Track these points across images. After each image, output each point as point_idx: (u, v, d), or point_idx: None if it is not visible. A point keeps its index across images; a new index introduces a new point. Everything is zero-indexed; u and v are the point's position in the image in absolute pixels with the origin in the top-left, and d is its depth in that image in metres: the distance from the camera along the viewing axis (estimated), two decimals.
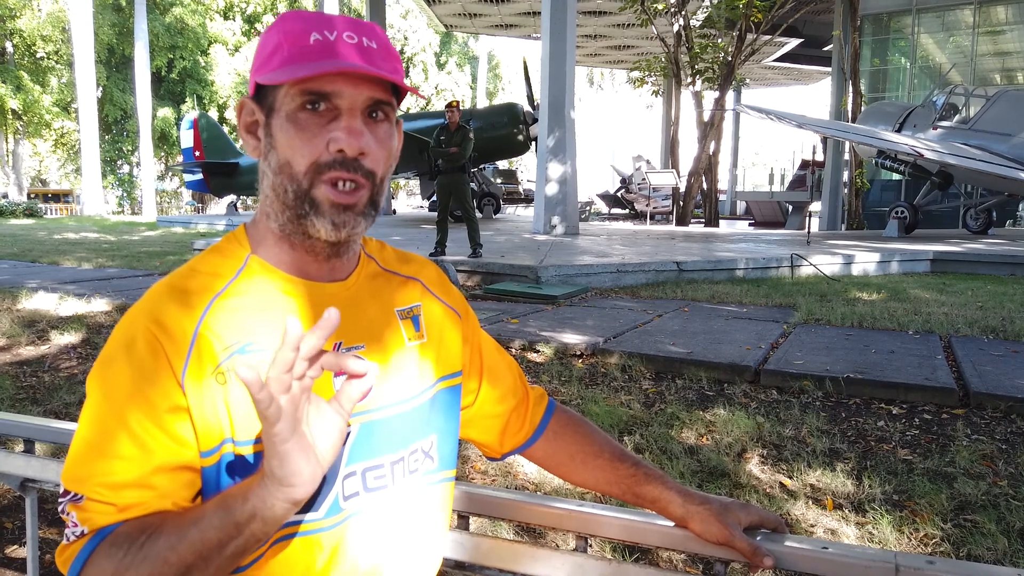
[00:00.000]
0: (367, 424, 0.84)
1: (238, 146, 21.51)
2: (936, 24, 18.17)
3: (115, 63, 33.71)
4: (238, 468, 0.77)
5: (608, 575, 1.06)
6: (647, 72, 21.40)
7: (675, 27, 18.03)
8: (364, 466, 0.83)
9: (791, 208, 20.56)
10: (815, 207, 18.14)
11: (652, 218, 20.41)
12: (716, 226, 18.46)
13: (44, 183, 38.90)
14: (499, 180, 25.52)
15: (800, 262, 8.25)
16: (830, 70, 19.20)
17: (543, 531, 2.24)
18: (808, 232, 12.11)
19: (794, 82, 33.34)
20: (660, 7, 17.67)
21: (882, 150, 13.26)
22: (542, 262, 7.46)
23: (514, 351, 4.45)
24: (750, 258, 8.32)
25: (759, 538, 0.97)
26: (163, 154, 35.84)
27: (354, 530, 0.83)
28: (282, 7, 35.75)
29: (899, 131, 13.27)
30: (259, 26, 36.00)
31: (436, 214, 8.65)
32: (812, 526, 2.41)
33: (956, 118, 13.19)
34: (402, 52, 41.91)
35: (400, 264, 0.99)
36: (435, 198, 13.67)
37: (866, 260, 8.78)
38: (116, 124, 35.07)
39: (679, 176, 18.97)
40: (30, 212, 24.99)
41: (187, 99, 34.64)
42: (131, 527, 0.74)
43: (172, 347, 0.76)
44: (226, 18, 36.14)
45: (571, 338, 4.62)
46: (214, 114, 33.41)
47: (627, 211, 25.60)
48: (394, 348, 0.90)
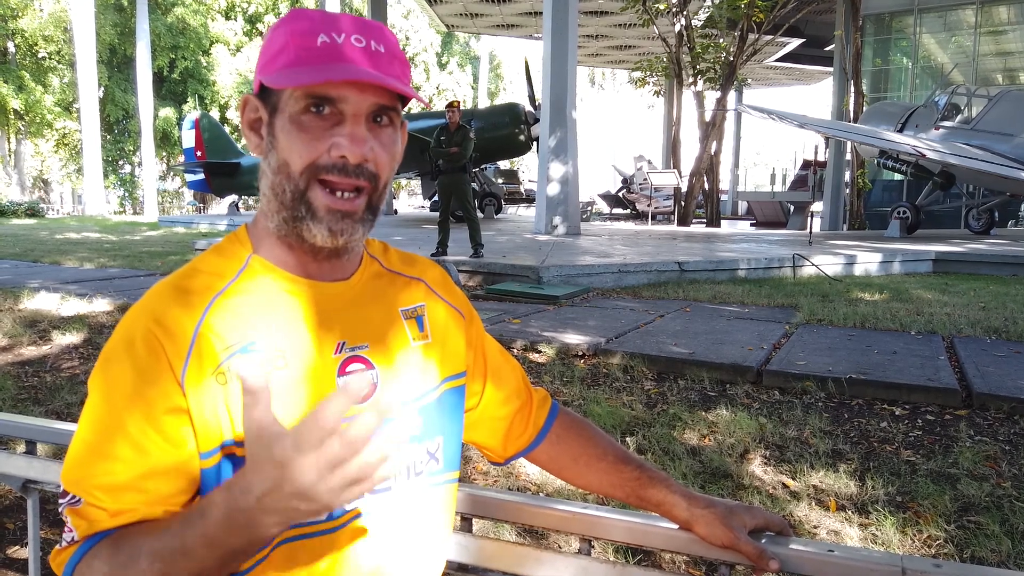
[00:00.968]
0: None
1: (239, 146, 21.54)
2: (938, 24, 18.15)
3: (117, 63, 33.72)
4: (238, 470, 0.77)
5: None
6: (649, 72, 21.38)
7: (677, 27, 18.02)
8: None
9: (793, 208, 20.54)
10: (817, 207, 18.12)
11: (654, 218, 20.40)
12: (718, 226, 18.44)
13: (46, 183, 38.95)
14: (500, 180, 25.52)
15: (802, 262, 8.24)
16: (832, 70, 19.17)
17: (546, 533, 2.24)
18: (810, 232, 12.10)
19: (796, 82, 33.30)
20: (662, 7, 17.66)
21: (884, 150, 13.25)
22: (544, 262, 7.46)
23: (516, 351, 4.44)
24: (752, 258, 8.32)
25: (764, 541, 0.97)
26: (165, 154, 35.85)
27: (358, 532, 0.82)
28: (284, 7, 35.76)
29: (901, 131, 13.25)
30: (261, 26, 36.00)
31: (437, 214, 8.65)
32: (815, 527, 2.41)
33: (958, 118, 13.17)
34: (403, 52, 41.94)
35: (404, 265, 0.98)
36: (436, 198, 13.67)
37: (868, 260, 8.77)
38: (118, 124, 35.09)
39: (680, 176, 18.96)
40: (32, 212, 25.00)
41: (189, 99, 34.64)
42: (118, 537, 0.73)
43: (172, 347, 0.75)
44: (227, 18, 36.15)
45: (573, 338, 4.61)
46: (215, 114, 33.41)
47: (628, 211, 25.59)
48: (398, 348, 0.89)
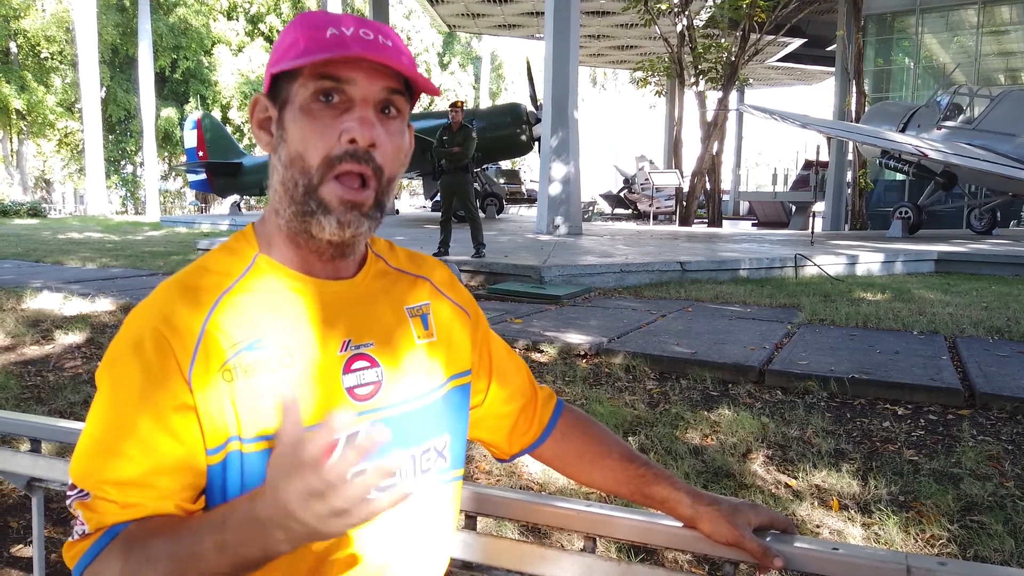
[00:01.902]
0: (377, 422, 0.84)
1: (241, 146, 21.54)
2: (940, 24, 18.14)
3: (119, 63, 33.74)
4: (245, 466, 0.77)
5: None
6: (650, 72, 21.36)
7: (678, 27, 18.01)
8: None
9: (794, 208, 20.55)
10: (819, 207, 18.12)
11: (655, 218, 20.40)
12: (719, 226, 18.44)
13: (48, 183, 39.00)
14: (502, 180, 25.51)
15: (804, 262, 8.24)
16: (834, 70, 19.17)
17: (549, 531, 2.24)
18: (812, 232, 12.10)
19: (797, 82, 33.29)
20: (663, 7, 17.65)
21: (886, 150, 13.23)
22: (545, 262, 7.46)
23: (518, 351, 4.43)
24: (754, 258, 8.31)
25: (768, 539, 0.97)
26: (167, 154, 35.87)
27: (364, 529, 0.82)
28: (285, 8, 35.77)
29: (903, 131, 13.23)
30: (262, 26, 36.02)
31: (439, 214, 8.65)
32: (818, 527, 2.41)
33: (960, 118, 13.15)
34: None
35: (410, 264, 0.99)
36: (438, 198, 13.67)
37: (870, 260, 8.76)
38: (120, 124, 35.12)
39: (682, 176, 18.96)
40: (34, 212, 25.03)
41: (190, 99, 34.67)
42: (138, 530, 0.74)
43: (179, 344, 0.76)
44: (229, 18, 36.17)
45: (575, 338, 4.61)
46: (217, 114, 33.44)
47: (630, 211, 25.59)
48: (403, 346, 0.90)
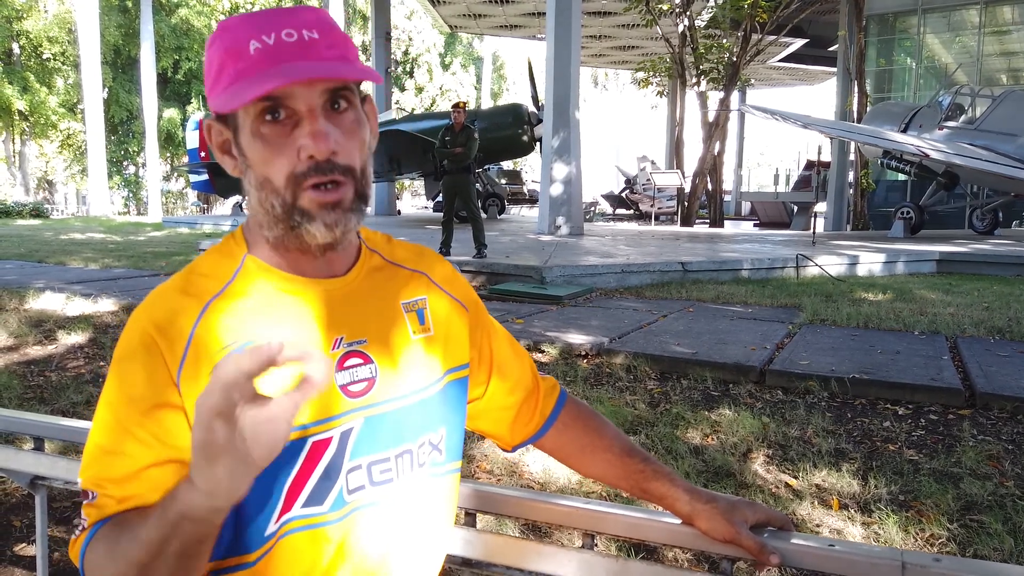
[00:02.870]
0: (372, 418, 0.84)
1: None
2: (942, 24, 18.12)
3: (121, 64, 33.79)
4: None
5: (615, 572, 1.06)
6: (652, 73, 21.35)
7: (680, 27, 18.00)
8: (369, 460, 0.84)
9: (796, 208, 20.50)
10: (820, 208, 18.07)
11: (657, 219, 20.40)
12: (721, 227, 18.43)
13: (50, 184, 39.05)
14: (503, 181, 25.52)
15: (805, 262, 8.23)
16: (835, 70, 19.14)
17: (548, 529, 2.24)
18: (813, 233, 12.07)
19: (799, 82, 33.27)
20: (665, 7, 17.65)
21: (888, 150, 13.22)
22: (547, 262, 7.46)
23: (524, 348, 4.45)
24: (755, 258, 8.31)
25: (765, 536, 0.97)
26: (169, 155, 35.92)
27: (361, 523, 0.83)
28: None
29: (904, 131, 13.22)
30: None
31: (441, 215, 8.66)
32: (818, 526, 2.41)
33: (962, 118, 13.13)
34: (407, 53, 41.89)
35: (407, 258, 0.99)
36: (440, 199, 13.69)
37: (871, 260, 8.75)
38: (122, 125, 35.16)
39: (684, 176, 18.95)
40: (36, 213, 25.06)
41: (193, 100, 34.71)
42: (117, 520, 0.76)
43: (168, 347, 0.78)
44: None
45: (576, 338, 4.62)
46: None
47: (631, 212, 25.58)
48: (398, 342, 0.90)
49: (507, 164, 26.81)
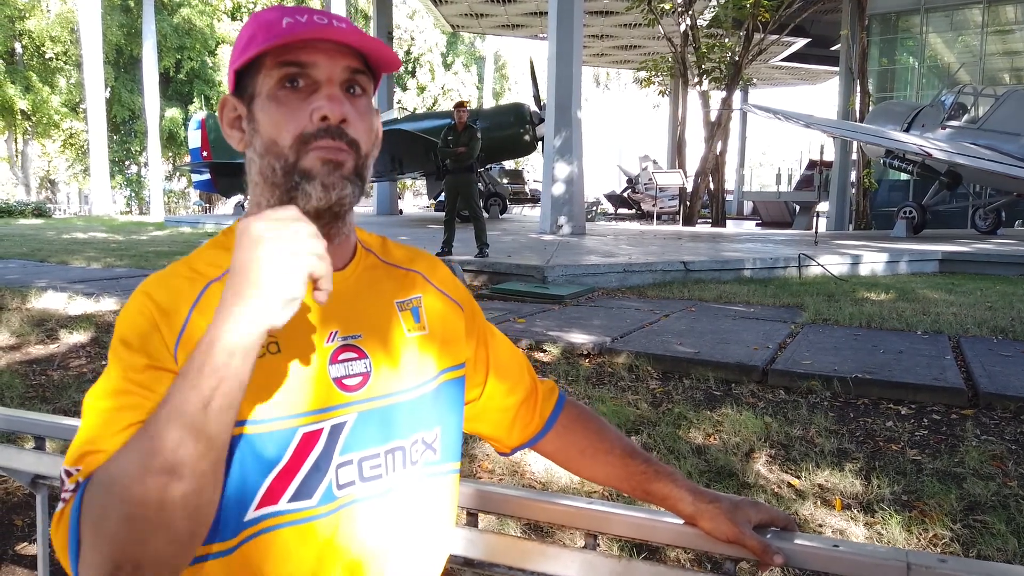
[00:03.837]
0: (365, 413, 0.84)
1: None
2: (944, 23, 18.09)
3: (123, 64, 33.83)
4: (247, 445, 0.77)
5: (617, 573, 1.06)
6: (654, 72, 21.35)
7: (682, 27, 17.99)
8: (360, 455, 0.83)
9: (798, 208, 20.48)
10: (823, 207, 18.06)
11: (659, 218, 20.39)
12: (723, 226, 18.42)
13: (52, 183, 39.10)
14: (505, 180, 25.52)
15: (808, 262, 8.23)
16: (838, 70, 19.12)
17: (551, 529, 2.24)
18: (816, 232, 12.07)
19: (801, 82, 33.23)
20: (667, 7, 17.64)
21: (890, 150, 13.21)
22: (549, 262, 7.46)
23: (521, 350, 4.44)
24: (757, 258, 8.30)
25: (769, 536, 0.97)
26: (171, 154, 35.96)
27: (350, 519, 0.83)
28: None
29: (907, 131, 13.20)
30: None
31: (443, 214, 8.66)
32: (821, 526, 2.41)
33: (965, 118, 13.12)
34: (408, 52, 41.93)
35: (402, 258, 0.99)
36: (442, 198, 13.69)
37: (874, 260, 8.74)
38: (124, 124, 35.20)
39: (686, 176, 18.92)
40: (39, 212, 25.09)
41: (195, 99, 34.74)
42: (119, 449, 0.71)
43: (165, 322, 0.78)
44: (233, 19, 36.23)
45: (578, 338, 4.61)
46: None
47: (633, 211, 25.59)
48: (393, 338, 0.90)
49: (509, 163, 26.84)
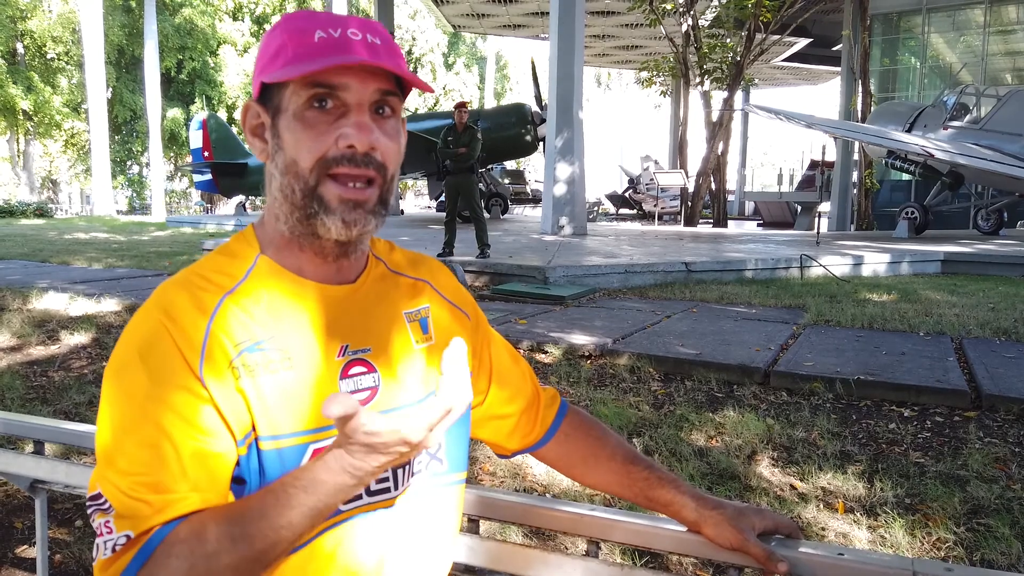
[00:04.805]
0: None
1: (247, 147, 21.56)
2: (947, 23, 18.07)
3: (125, 64, 33.87)
4: (263, 462, 0.77)
5: None
6: (655, 72, 21.33)
7: (683, 27, 17.97)
8: None
9: (800, 208, 20.48)
10: (824, 208, 18.05)
11: (660, 218, 20.37)
12: (725, 227, 18.41)
13: (54, 183, 39.13)
14: (507, 180, 25.51)
15: (809, 263, 8.21)
16: (839, 70, 19.10)
17: (553, 535, 2.23)
18: (817, 233, 12.05)
19: (803, 82, 33.20)
20: (668, 7, 17.64)
21: (892, 150, 13.19)
22: (550, 262, 7.45)
23: (522, 352, 4.44)
24: (759, 259, 8.29)
25: (773, 544, 0.96)
26: (172, 154, 35.99)
27: (356, 531, 0.82)
28: (291, 8, 35.85)
29: (909, 131, 13.19)
30: (268, 27, 36.04)
31: (444, 215, 8.66)
32: (823, 529, 2.39)
33: (967, 118, 13.10)
34: (410, 52, 41.94)
35: (409, 266, 0.98)
36: (443, 198, 13.69)
37: (876, 261, 8.73)
38: (126, 125, 35.24)
39: (687, 176, 18.92)
40: (40, 212, 25.11)
41: (196, 100, 34.77)
42: (193, 524, 0.72)
43: (186, 343, 0.76)
44: (235, 19, 36.27)
45: (579, 339, 4.60)
46: (223, 115, 33.50)
47: (635, 211, 25.58)
48: (401, 351, 0.89)
49: (510, 164, 26.82)
